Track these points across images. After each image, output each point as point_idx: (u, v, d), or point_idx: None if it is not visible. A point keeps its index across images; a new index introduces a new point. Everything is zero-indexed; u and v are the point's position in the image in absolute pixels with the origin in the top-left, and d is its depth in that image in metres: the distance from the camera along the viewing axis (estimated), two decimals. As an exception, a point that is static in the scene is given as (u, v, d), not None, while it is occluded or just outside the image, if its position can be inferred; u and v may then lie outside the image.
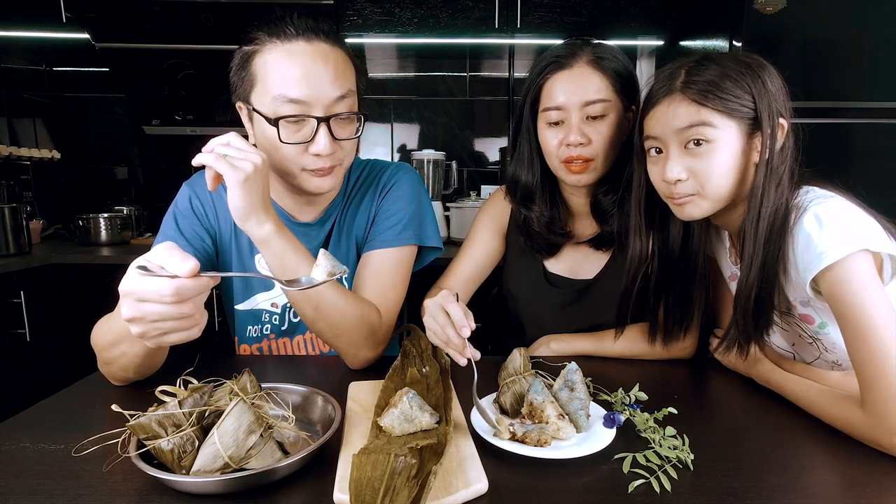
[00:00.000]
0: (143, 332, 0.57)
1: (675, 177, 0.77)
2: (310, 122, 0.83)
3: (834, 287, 0.68)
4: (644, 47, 2.36)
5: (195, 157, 0.73)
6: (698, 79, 0.75)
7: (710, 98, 0.73)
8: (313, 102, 0.82)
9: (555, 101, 0.94)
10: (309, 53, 0.83)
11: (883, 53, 1.65)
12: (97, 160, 2.52)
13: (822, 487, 0.57)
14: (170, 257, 0.56)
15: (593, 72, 0.93)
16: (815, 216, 0.71)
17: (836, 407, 0.69)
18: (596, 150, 0.94)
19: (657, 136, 0.79)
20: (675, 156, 0.77)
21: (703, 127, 0.74)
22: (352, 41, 2.12)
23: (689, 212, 0.79)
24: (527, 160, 1.04)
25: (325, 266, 0.65)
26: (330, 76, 0.83)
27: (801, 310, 0.79)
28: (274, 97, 0.81)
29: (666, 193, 0.81)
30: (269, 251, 0.80)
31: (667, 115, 0.77)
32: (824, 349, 0.82)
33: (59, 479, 0.58)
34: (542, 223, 1.06)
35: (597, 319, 1.07)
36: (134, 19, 2.00)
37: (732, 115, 0.74)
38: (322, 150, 0.83)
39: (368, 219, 1.01)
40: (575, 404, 0.70)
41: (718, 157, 0.75)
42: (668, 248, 0.91)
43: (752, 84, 0.74)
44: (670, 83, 0.77)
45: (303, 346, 1.05)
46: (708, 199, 0.77)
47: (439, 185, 2.25)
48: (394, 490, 0.51)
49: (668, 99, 0.77)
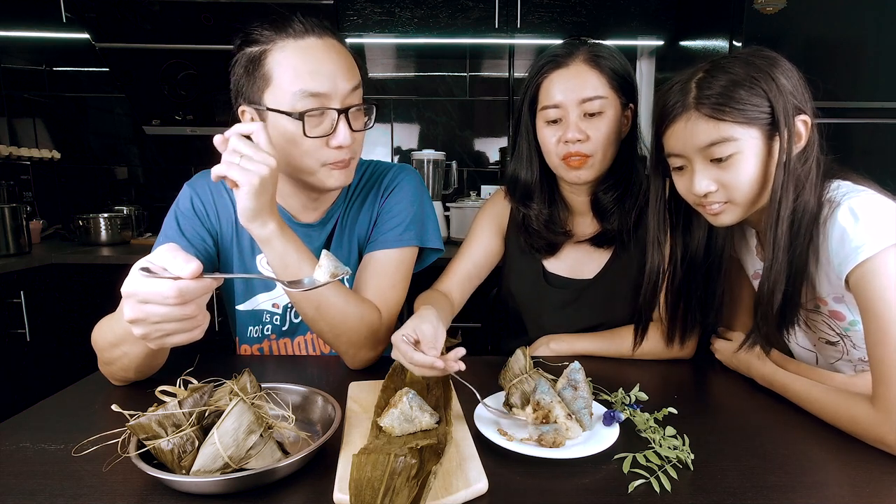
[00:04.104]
0: (145, 334, 0.57)
1: (704, 190, 0.76)
2: (329, 116, 0.85)
3: (863, 280, 0.68)
4: (644, 47, 2.36)
5: (217, 171, 0.72)
6: (710, 92, 0.73)
7: (726, 112, 0.72)
8: (332, 95, 0.84)
9: (552, 100, 0.95)
10: (322, 48, 0.84)
11: (883, 53, 1.65)
12: (97, 160, 2.52)
13: (822, 487, 0.57)
14: (172, 259, 0.56)
15: (590, 70, 0.94)
16: (849, 210, 0.70)
17: (843, 404, 0.69)
18: (594, 147, 0.95)
19: (679, 154, 0.78)
20: (701, 170, 0.76)
21: (724, 143, 0.73)
22: (352, 41, 2.12)
23: (723, 220, 0.79)
24: (526, 158, 1.05)
25: (328, 267, 0.65)
26: (343, 68, 0.85)
27: (833, 306, 0.78)
28: (293, 93, 0.82)
29: (696, 203, 0.81)
30: (271, 251, 0.80)
31: (685, 134, 0.76)
32: (852, 346, 0.81)
33: (59, 479, 0.58)
34: (541, 221, 1.06)
35: (597, 319, 1.07)
36: (134, 19, 2.00)
37: (752, 124, 0.73)
38: (343, 142, 0.85)
39: (371, 220, 1.01)
40: (579, 403, 0.70)
41: (744, 166, 0.74)
42: (691, 251, 0.90)
43: (767, 87, 0.72)
44: (683, 99, 0.75)
45: (303, 346, 1.05)
46: (740, 206, 0.77)
47: (439, 185, 2.25)
48: (394, 490, 0.51)
49: (685, 117, 0.75)
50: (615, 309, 1.06)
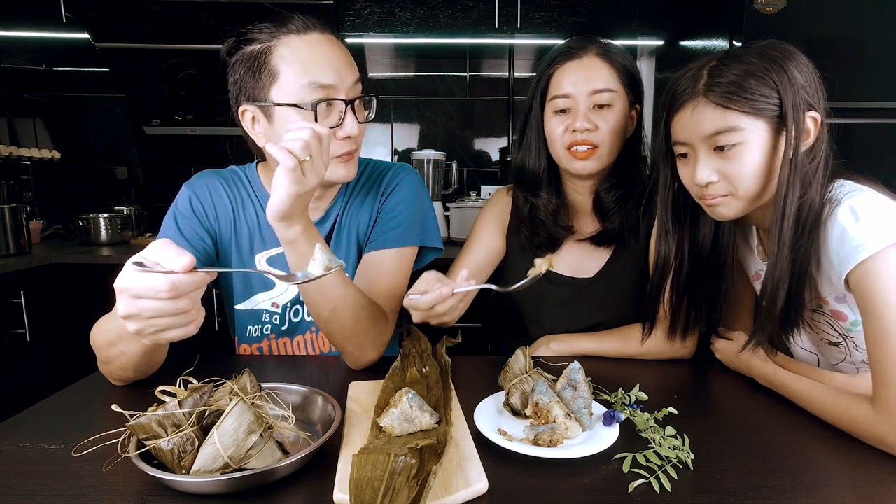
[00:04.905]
0: (139, 329, 0.57)
1: (706, 180, 0.75)
2: (337, 107, 0.87)
3: (864, 280, 0.67)
4: (644, 47, 2.36)
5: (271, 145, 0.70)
6: (721, 80, 0.73)
7: (734, 100, 0.71)
8: (339, 86, 0.86)
9: (563, 90, 0.97)
10: (326, 42, 0.87)
11: (883, 53, 1.65)
12: (97, 160, 2.52)
13: (822, 487, 0.57)
14: (165, 253, 0.56)
15: (602, 62, 0.97)
16: (850, 209, 0.69)
17: (843, 404, 0.69)
18: (601, 137, 0.96)
19: (684, 141, 0.78)
20: (704, 159, 0.76)
21: (730, 132, 0.72)
22: (352, 41, 2.12)
23: (722, 213, 0.78)
24: (534, 149, 1.06)
25: (322, 260, 0.64)
26: (347, 61, 0.88)
27: (835, 306, 0.78)
28: (302, 85, 0.84)
29: (698, 195, 0.80)
30: (294, 251, 0.79)
31: (692, 121, 0.75)
32: (854, 348, 0.81)
33: (59, 479, 0.58)
34: (549, 211, 1.07)
35: (597, 318, 1.07)
36: (134, 19, 2.00)
37: (759, 115, 0.72)
38: (352, 132, 0.87)
39: (370, 218, 1.02)
40: (578, 403, 0.70)
41: (748, 158, 0.73)
42: (698, 246, 0.90)
43: (778, 79, 0.71)
44: (693, 85, 0.75)
45: (303, 346, 1.05)
46: (741, 200, 0.76)
47: (439, 185, 2.24)
48: (394, 490, 0.51)
49: (693, 103, 0.75)
50: (615, 308, 1.07)
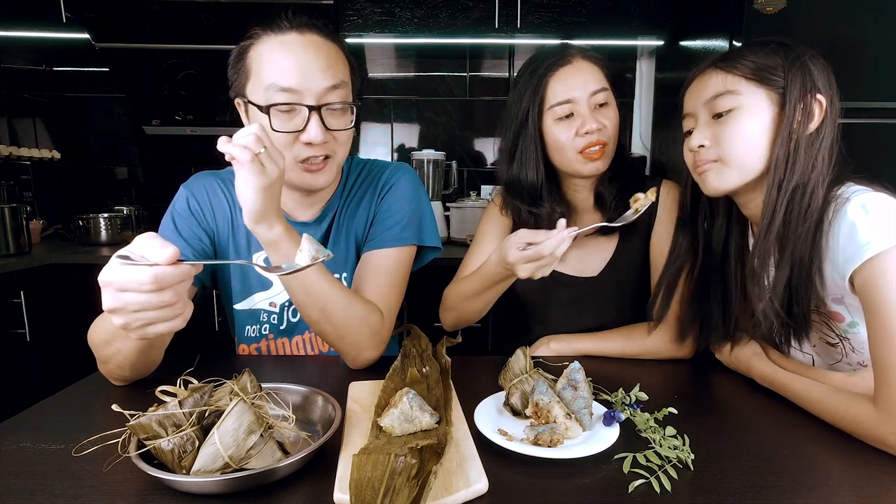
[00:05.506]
0: (125, 323, 0.56)
1: (698, 143, 0.77)
2: (302, 112, 0.84)
3: (870, 279, 0.67)
4: (644, 47, 2.36)
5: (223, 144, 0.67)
6: (733, 53, 0.76)
7: (738, 67, 0.74)
8: (304, 91, 0.83)
9: (563, 96, 0.98)
10: (300, 44, 0.85)
11: (883, 53, 1.65)
12: (97, 160, 2.52)
13: (822, 487, 0.57)
14: (149, 245, 0.55)
15: (590, 64, 0.99)
16: (860, 205, 0.69)
17: (843, 404, 0.69)
18: (610, 135, 1.00)
19: (690, 112, 0.80)
20: (702, 126, 0.78)
21: (727, 96, 0.74)
22: (352, 41, 2.12)
23: (712, 182, 0.78)
24: (533, 160, 1.05)
25: (309, 251, 0.63)
26: (321, 65, 0.85)
27: (833, 307, 0.78)
28: (266, 87, 0.83)
29: (691, 164, 0.81)
30: (277, 253, 0.79)
31: (698, 89, 0.79)
32: (851, 349, 0.80)
33: (59, 479, 0.58)
34: (556, 219, 1.06)
35: (602, 317, 1.08)
36: (134, 19, 2.00)
37: (761, 82, 0.73)
38: (313, 139, 0.84)
39: (368, 219, 1.01)
40: (579, 403, 0.70)
41: (742, 123, 0.74)
42: (710, 245, 0.91)
43: (786, 55, 0.73)
44: (709, 60, 0.79)
45: (302, 346, 1.05)
46: (730, 167, 0.76)
47: (439, 185, 2.25)
48: (394, 490, 0.51)
49: (702, 74, 0.79)
50: (620, 306, 1.07)
